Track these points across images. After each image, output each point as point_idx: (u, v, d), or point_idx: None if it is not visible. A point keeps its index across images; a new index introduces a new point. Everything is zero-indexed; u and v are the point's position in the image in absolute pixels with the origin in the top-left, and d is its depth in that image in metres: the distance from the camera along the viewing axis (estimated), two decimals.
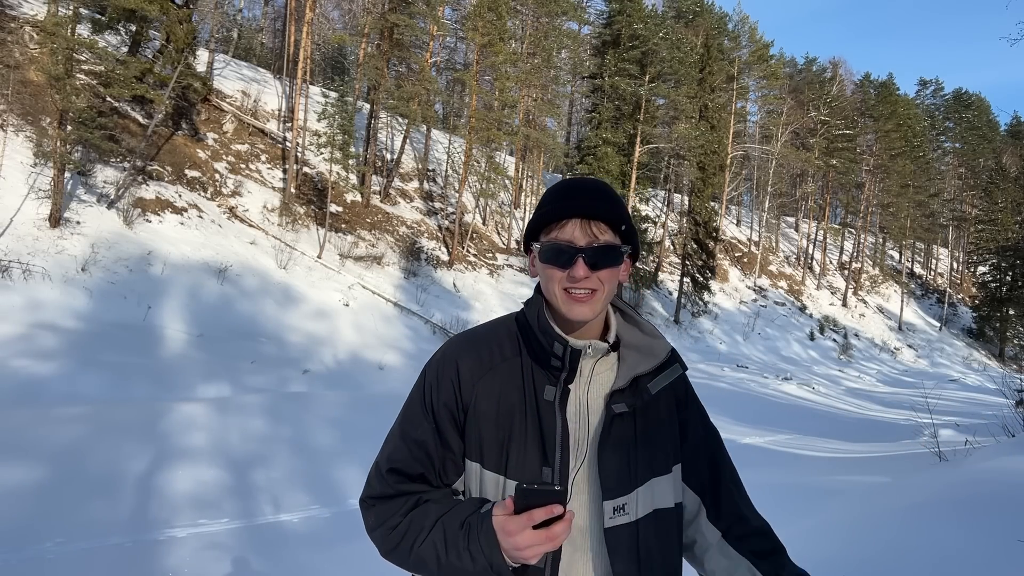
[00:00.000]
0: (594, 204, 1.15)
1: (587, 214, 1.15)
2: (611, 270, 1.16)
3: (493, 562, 1.06)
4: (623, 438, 1.18)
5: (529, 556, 1.03)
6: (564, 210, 1.15)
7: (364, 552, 4.52)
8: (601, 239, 1.15)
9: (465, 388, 1.18)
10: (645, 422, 1.21)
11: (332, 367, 12.66)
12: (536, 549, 1.02)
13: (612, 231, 1.16)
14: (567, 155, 29.40)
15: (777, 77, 41.17)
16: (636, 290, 25.91)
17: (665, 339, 1.25)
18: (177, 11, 15.53)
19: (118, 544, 4.56)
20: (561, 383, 1.17)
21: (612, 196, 1.19)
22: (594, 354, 1.20)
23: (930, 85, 56.20)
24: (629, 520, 1.17)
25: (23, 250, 11.05)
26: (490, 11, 21.37)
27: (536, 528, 1.01)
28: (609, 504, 1.15)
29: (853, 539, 3.99)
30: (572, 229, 1.15)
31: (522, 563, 1.06)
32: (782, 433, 11.18)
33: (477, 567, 1.07)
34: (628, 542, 1.16)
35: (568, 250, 1.14)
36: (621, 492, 1.16)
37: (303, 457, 6.60)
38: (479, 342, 1.23)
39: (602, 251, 1.14)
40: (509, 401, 1.17)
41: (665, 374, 1.21)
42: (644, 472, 1.19)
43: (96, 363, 9.01)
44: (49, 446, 5.68)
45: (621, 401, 1.17)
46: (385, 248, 19.78)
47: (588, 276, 1.14)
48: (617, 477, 1.16)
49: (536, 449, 1.15)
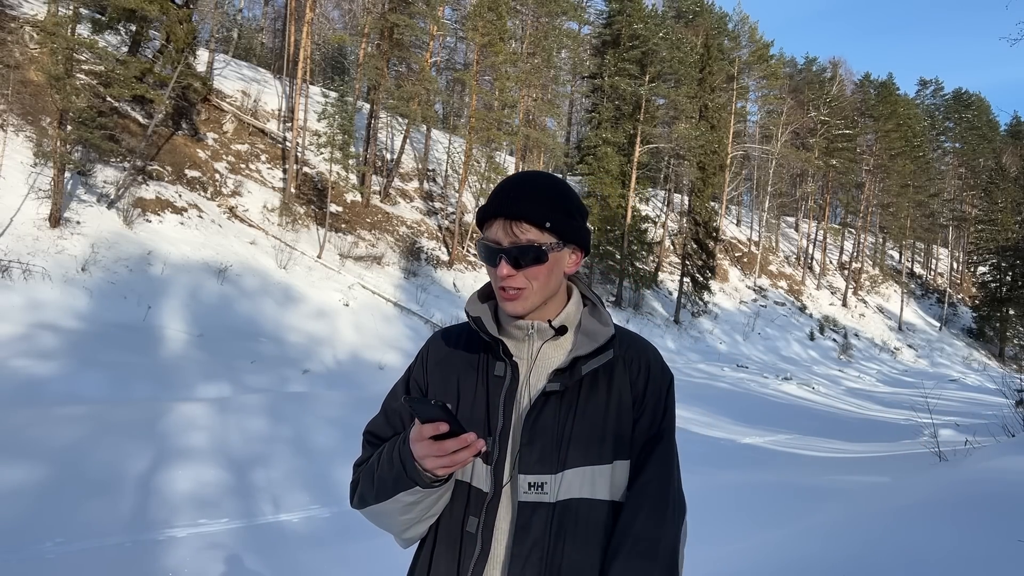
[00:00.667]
0: (516, 205, 1.17)
1: (509, 214, 1.17)
2: (537, 268, 1.18)
3: (407, 467, 1.13)
4: (556, 417, 1.19)
5: (429, 466, 1.10)
6: (490, 210, 1.20)
7: (364, 552, 4.53)
8: (522, 239, 1.17)
9: (430, 365, 1.31)
10: (587, 408, 1.20)
11: (332, 367, 12.66)
12: (432, 461, 1.08)
13: (537, 228, 1.17)
14: (567, 155, 29.40)
15: (777, 77, 41.18)
16: (636, 290, 25.91)
17: (613, 328, 1.26)
18: (177, 11, 15.53)
19: (118, 544, 4.56)
20: (507, 360, 1.22)
21: (540, 193, 1.19)
22: (540, 336, 1.24)
23: (930, 85, 56.23)
24: (547, 501, 1.16)
25: (23, 250, 11.05)
26: (490, 11, 21.36)
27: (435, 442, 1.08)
28: (524, 479, 1.16)
29: (853, 539, 3.99)
30: (497, 229, 1.19)
31: (428, 473, 1.12)
32: (782, 433, 11.18)
33: (394, 472, 1.16)
34: (541, 523, 1.16)
35: (493, 250, 1.19)
36: (541, 471, 1.17)
37: (303, 457, 6.60)
38: (452, 330, 1.36)
39: (523, 251, 1.17)
40: (463, 377, 1.26)
41: (598, 358, 1.22)
42: (575, 457, 1.18)
43: (96, 363, 9.01)
44: (49, 446, 5.68)
45: (556, 380, 1.20)
46: (385, 248, 19.78)
47: (513, 275, 1.17)
48: (539, 454, 1.17)
49: (481, 419, 1.21)
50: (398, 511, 1.19)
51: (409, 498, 1.16)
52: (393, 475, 1.16)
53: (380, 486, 1.20)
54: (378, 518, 1.25)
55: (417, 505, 1.18)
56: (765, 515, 5.27)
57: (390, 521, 1.23)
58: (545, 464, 1.17)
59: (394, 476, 1.16)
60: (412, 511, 1.19)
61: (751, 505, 5.64)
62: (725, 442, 9.50)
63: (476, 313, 1.26)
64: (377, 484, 1.20)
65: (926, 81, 56.38)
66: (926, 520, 4.00)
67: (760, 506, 5.63)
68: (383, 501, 1.20)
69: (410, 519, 1.20)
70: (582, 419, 1.20)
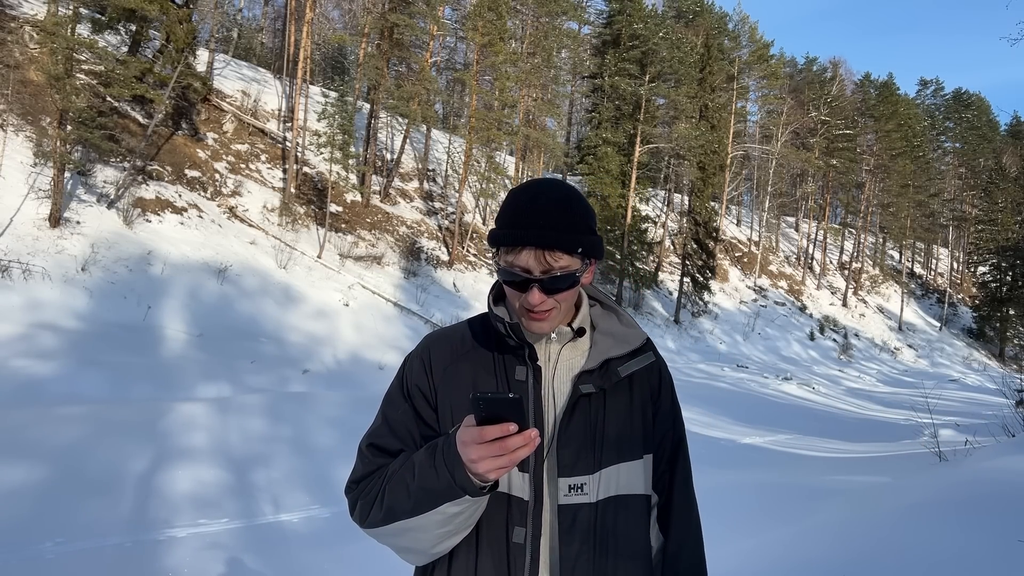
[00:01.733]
0: (549, 234, 1.13)
1: (541, 244, 1.13)
2: (568, 292, 1.17)
3: (456, 475, 1.05)
4: (588, 418, 1.19)
5: (484, 470, 1.01)
6: (519, 238, 1.14)
7: (364, 552, 4.53)
8: (556, 267, 1.14)
9: (436, 372, 1.24)
10: (616, 407, 1.22)
11: (332, 367, 12.66)
12: (489, 463, 1.00)
13: (569, 255, 1.15)
14: (567, 155, 29.41)
15: (777, 77, 41.18)
16: (636, 290, 25.91)
17: (642, 330, 1.28)
18: (177, 11, 15.53)
19: (118, 544, 4.56)
20: (530, 364, 1.20)
21: (569, 217, 1.15)
22: (559, 339, 1.23)
23: (930, 85, 56.24)
24: (588, 501, 1.17)
25: (23, 250, 11.05)
26: (490, 11, 21.36)
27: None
28: (564, 481, 1.16)
29: (852, 539, 3.99)
30: (527, 258, 1.14)
31: (481, 479, 1.04)
32: (782, 433, 11.18)
33: (441, 483, 1.07)
34: (584, 524, 1.16)
35: (523, 277, 1.15)
36: (580, 472, 1.17)
37: (303, 457, 6.60)
38: (451, 334, 1.30)
39: (558, 280, 1.15)
40: (481, 383, 1.22)
41: (638, 359, 1.23)
42: (610, 456, 1.20)
43: (96, 363, 9.01)
44: (49, 446, 5.68)
45: (589, 382, 1.19)
46: (385, 248, 19.78)
47: (544, 301, 1.15)
48: (576, 456, 1.17)
49: None
50: (436, 524, 1.11)
51: (454, 509, 1.08)
52: (441, 485, 1.07)
53: (420, 498, 1.10)
54: (404, 535, 1.15)
55: (459, 516, 1.10)
56: (765, 515, 5.27)
57: (422, 536, 1.14)
58: (583, 465, 1.18)
59: (441, 487, 1.07)
60: (452, 523, 1.11)
61: (751, 505, 5.64)
62: (725, 442, 9.50)
63: (504, 315, 1.23)
64: (415, 496, 1.10)
65: (926, 81, 56.44)
66: (926, 520, 4.00)
67: (760, 506, 5.63)
68: (420, 515, 1.10)
69: (446, 532, 1.13)
70: (613, 417, 1.21)
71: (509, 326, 1.19)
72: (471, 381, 1.22)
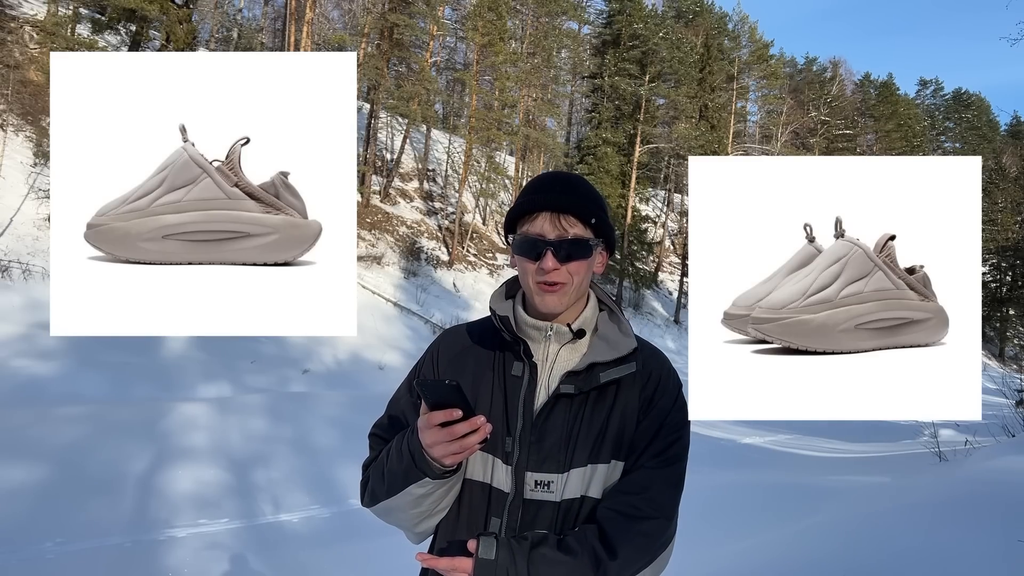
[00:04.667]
0: (564, 198, 1.19)
1: (557, 207, 1.18)
2: (581, 262, 1.20)
3: (416, 458, 1.13)
4: (565, 418, 1.20)
5: (438, 455, 1.09)
6: (535, 204, 1.19)
7: (364, 552, 4.53)
8: (570, 232, 1.18)
9: (442, 361, 1.31)
10: (596, 411, 1.22)
11: (332, 367, 12.66)
12: (442, 448, 1.08)
13: (582, 224, 1.19)
14: (567, 155, 29.42)
15: (777, 77, 41.17)
16: (636, 290, 25.90)
17: (635, 341, 1.26)
18: (177, 11, 15.53)
19: (118, 544, 4.56)
20: (526, 360, 1.22)
21: (584, 190, 1.22)
22: (557, 338, 1.24)
23: (930, 85, 56.23)
24: (552, 499, 1.19)
25: (23, 250, 11.05)
26: (490, 11, 21.38)
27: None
28: (531, 476, 1.19)
29: (853, 539, 3.99)
30: (542, 223, 1.18)
31: (437, 461, 1.11)
32: (782, 433, 11.18)
33: (404, 465, 1.15)
34: (546, 522, 1.18)
35: (539, 243, 1.18)
36: (549, 469, 1.18)
37: (303, 457, 6.61)
38: (461, 328, 1.37)
39: (571, 244, 1.18)
40: (479, 376, 1.26)
41: (619, 368, 1.23)
42: (582, 457, 1.20)
43: (96, 363, 9.01)
44: (49, 446, 5.69)
45: (571, 383, 1.21)
46: (385, 248, 19.78)
47: (558, 268, 1.18)
48: (546, 454, 1.19)
49: (500, 418, 1.21)
50: (409, 505, 1.19)
51: (420, 490, 1.16)
52: (403, 468, 1.16)
53: (390, 480, 1.19)
54: (389, 514, 1.25)
55: (428, 498, 1.17)
56: (765, 515, 5.27)
57: (401, 516, 1.23)
58: (552, 463, 1.19)
59: (404, 469, 1.15)
60: (423, 504, 1.19)
61: (751, 505, 5.64)
62: (725, 442, 9.50)
63: (504, 312, 1.26)
64: (387, 479, 1.20)
65: (926, 81, 56.42)
66: (926, 520, 4.00)
67: (760, 506, 5.63)
68: (393, 496, 1.19)
69: (421, 512, 1.20)
70: (588, 421, 1.22)
71: (501, 319, 1.24)
72: (472, 373, 1.26)
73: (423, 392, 1.08)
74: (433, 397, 1.06)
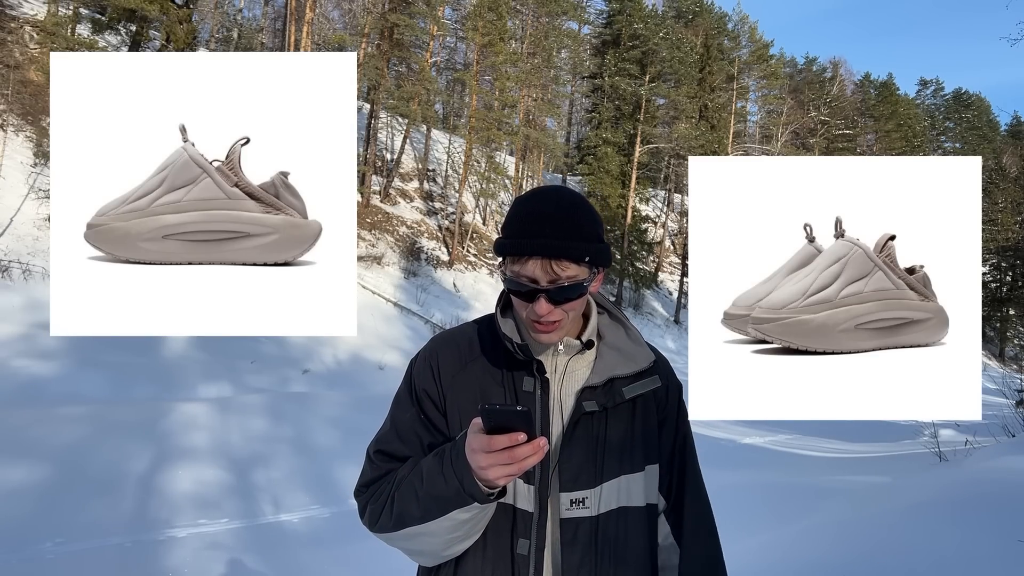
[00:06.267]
0: (556, 243, 1.11)
1: (548, 254, 1.11)
2: (576, 301, 1.16)
3: (464, 482, 1.05)
4: (590, 435, 1.19)
5: (493, 477, 1.02)
6: (524, 249, 1.12)
7: (364, 552, 4.53)
8: (564, 276, 1.12)
9: (444, 378, 1.23)
10: (618, 420, 1.22)
11: (332, 367, 12.66)
12: (499, 470, 1.01)
13: (576, 264, 1.13)
14: (567, 155, 29.42)
15: (777, 77, 41.15)
16: (636, 290, 25.91)
17: (648, 349, 1.26)
18: (177, 11, 15.53)
19: (118, 544, 4.56)
20: (538, 376, 1.20)
21: (576, 226, 1.14)
22: (567, 351, 1.22)
23: (930, 85, 56.20)
24: (588, 514, 1.18)
25: (23, 250, 11.05)
26: (490, 11, 21.38)
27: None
28: (567, 496, 1.17)
29: (853, 539, 3.99)
30: (534, 268, 1.12)
31: (489, 485, 1.05)
32: (782, 433, 11.18)
33: (450, 489, 1.07)
34: (586, 536, 1.17)
35: (530, 287, 1.13)
36: (582, 486, 1.18)
37: (303, 457, 6.61)
38: (457, 337, 1.30)
39: (565, 290, 1.13)
40: (488, 393, 1.21)
41: (643, 383, 1.22)
42: (612, 469, 1.20)
43: (96, 363, 9.02)
44: (49, 446, 5.69)
45: (592, 399, 1.19)
46: (385, 248, 19.78)
47: (551, 311, 1.13)
48: (577, 472, 1.18)
49: None
50: (447, 530, 1.12)
51: (464, 515, 1.09)
52: (449, 492, 1.08)
53: (429, 505, 1.11)
54: (414, 539, 1.17)
55: (468, 522, 1.12)
56: (766, 515, 5.28)
57: (432, 541, 1.15)
58: (584, 480, 1.18)
59: (451, 493, 1.08)
60: (461, 529, 1.13)
61: (752, 505, 5.64)
62: (725, 442, 9.50)
63: (512, 334, 1.20)
64: (424, 503, 1.12)
65: (926, 81, 56.38)
66: (926, 520, 4.00)
67: (760, 506, 5.63)
68: (430, 521, 1.12)
69: (456, 537, 1.14)
70: (614, 432, 1.22)
71: (519, 347, 1.19)
72: (478, 388, 1.22)
73: (488, 417, 1.00)
74: (499, 421, 1.00)
